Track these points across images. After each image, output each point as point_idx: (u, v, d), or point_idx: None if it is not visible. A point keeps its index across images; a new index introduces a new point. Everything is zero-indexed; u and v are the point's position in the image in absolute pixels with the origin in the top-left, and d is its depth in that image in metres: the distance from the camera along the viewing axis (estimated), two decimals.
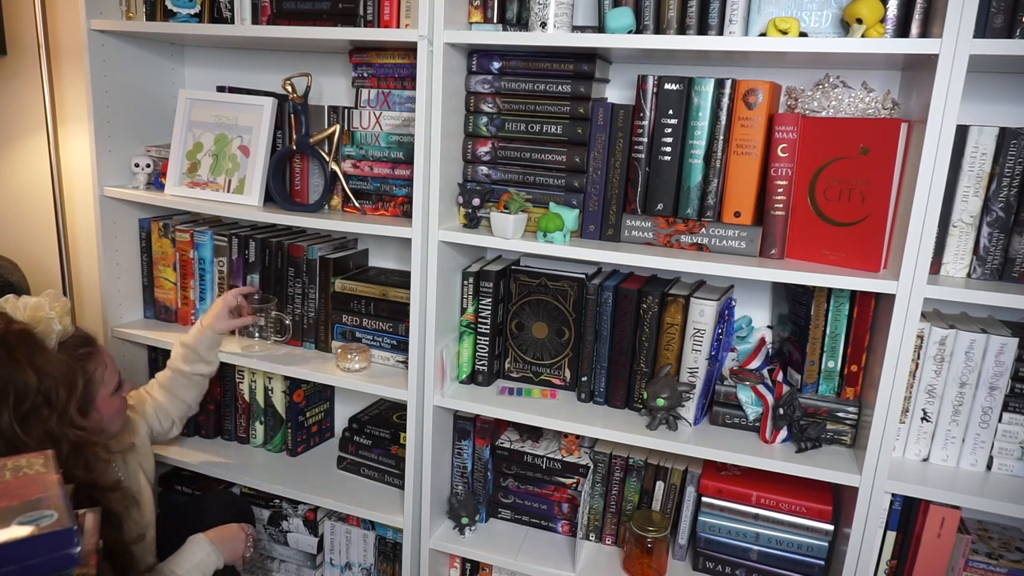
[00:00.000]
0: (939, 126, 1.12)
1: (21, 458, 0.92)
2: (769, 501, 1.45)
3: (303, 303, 1.72)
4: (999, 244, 1.24)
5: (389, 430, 1.71)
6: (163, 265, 1.85)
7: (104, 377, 1.35)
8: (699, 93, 1.32)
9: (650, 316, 1.44)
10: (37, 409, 1.19)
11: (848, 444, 1.38)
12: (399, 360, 1.65)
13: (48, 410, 1.20)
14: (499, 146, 1.49)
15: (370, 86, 1.60)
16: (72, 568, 0.78)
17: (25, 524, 0.78)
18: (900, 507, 1.32)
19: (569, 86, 1.41)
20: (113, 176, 1.79)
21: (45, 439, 1.19)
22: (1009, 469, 1.30)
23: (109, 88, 1.74)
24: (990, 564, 1.32)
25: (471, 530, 1.63)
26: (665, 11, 1.30)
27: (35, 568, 0.76)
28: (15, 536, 0.76)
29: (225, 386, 1.88)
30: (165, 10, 1.65)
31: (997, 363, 1.25)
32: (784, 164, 1.30)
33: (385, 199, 1.61)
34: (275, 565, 1.84)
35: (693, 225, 1.37)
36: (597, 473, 1.58)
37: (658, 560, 1.49)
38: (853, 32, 1.18)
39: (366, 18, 1.49)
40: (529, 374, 1.60)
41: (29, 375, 1.19)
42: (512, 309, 1.57)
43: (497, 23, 1.44)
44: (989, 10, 1.11)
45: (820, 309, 1.36)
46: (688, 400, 1.41)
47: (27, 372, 1.19)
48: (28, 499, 0.82)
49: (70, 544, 0.78)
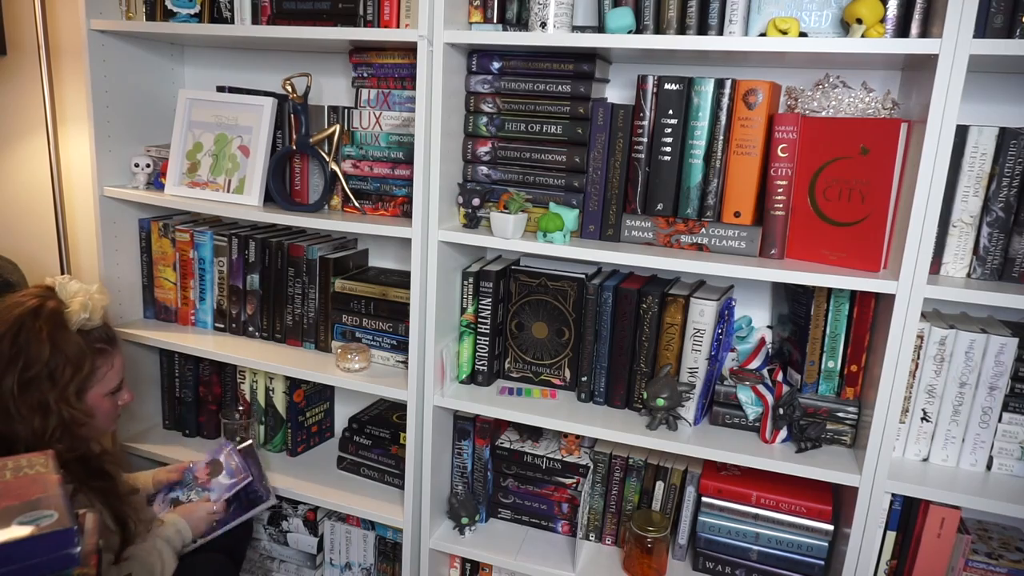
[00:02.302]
0: (939, 126, 1.12)
1: (22, 458, 0.92)
2: (769, 501, 1.45)
3: (303, 303, 1.72)
4: (999, 244, 1.24)
5: (389, 430, 1.71)
6: (163, 265, 1.85)
7: (106, 376, 1.40)
8: (699, 93, 1.32)
9: (650, 316, 1.44)
10: (39, 379, 1.29)
11: (848, 444, 1.38)
12: (399, 360, 1.65)
13: (49, 384, 1.30)
14: (499, 146, 1.49)
15: (370, 86, 1.60)
16: (72, 568, 0.78)
17: (25, 524, 0.78)
18: (900, 507, 1.32)
19: (569, 86, 1.41)
20: (113, 176, 1.79)
21: (37, 409, 1.29)
22: (1009, 469, 1.30)
23: (109, 88, 1.74)
24: (990, 564, 1.32)
25: (471, 530, 1.63)
26: (665, 11, 1.30)
27: (36, 568, 0.76)
28: (15, 536, 0.76)
29: (226, 386, 1.89)
30: (165, 10, 1.65)
31: (997, 363, 1.25)
32: (784, 164, 1.30)
33: (385, 199, 1.61)
34: (275, 565, 1.84)
35: (693, 225, 1.37)
36: (597, 473, 1.58)
37: (658, 560, 1.49)
38: (853, 32, 1.18)
39: (366, 18, 1.49)
40: (529, 374, 1.60)
41: (44, 347, 1.29)
42: (512, 309, 1.57)
43: (497, 23, 1.44)
44: (989, 10, 1.11)
45: (820, 309, 1.36)
46: (688, 400, 1.41)
47: (44, 344, 1.29)
48: (28, 499, 0.82)
49: (70, 544, 0.78)
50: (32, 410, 1.28)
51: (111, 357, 1.42)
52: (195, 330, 1.83)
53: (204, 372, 1.88)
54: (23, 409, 1.28)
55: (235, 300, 1.79)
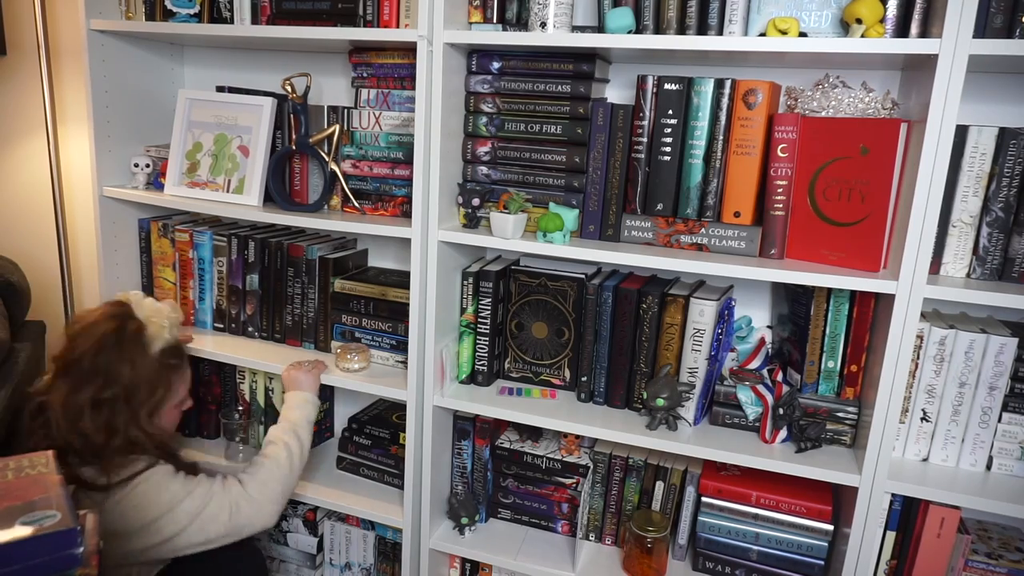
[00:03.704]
0: (939, 126, 1.12)
1: (23, 458, 0.92)
2: (769, 501, 1.45)
3: (303, 303, 1.72)
4: (999, 244, 1.24)
5: (389, 430, 1.71)
6: (162, 265, 1.85)
7: (178, 391, 1.45)
8: (699, 93, 1.32)
9: (650, 316, 1.44)
10: (115, 401, 1.30)
11: (848, 444, 1.38)
12: (399, 360, 1.65)
13: (124, 405, 1.31)
14: (499, 146, 1.49)
15: (370, 86, 1.60)
16: (75, 568, 0.78)
17: (28, 524, 0.78)
18: (900, 507, 1.32)
19: (569, 86, 1.41)
20: (113, 176, 1.79)
21: (104, 428, 1.29)
22: (1009, 469, 1.30)
23: (109, 88, 1.74)
24: (990, 564, 1.32)
25: (471, 530, 1.63)
26: (665, 11, 1.30)
27: (38, 568, 0.76)
28: (18, 536, 0.76)
29: (225, 386, 1.89)
30: (165, 10, 1.65)
31: (997, 363, 1.25)
32: (784, 164, 1.30)
33: (385, 199, 1.61)
34: (275, 565, 1.84)
35: (693, 225, 1.37)
36: (597, 473, 1.58)
37: (658, 560, 1.49)
38: (853, 32, 1.18)
39: (366, 18, 1.49)
40: (529, 374, 1.60)
41: (125, 368, 1.31)
42: (512, 309, 1.58)
43: (497, 23, 1.44)
44: (989, 10, 1.11)
45: (820, 309, 1.36)
46: (688, 400, 1.41)
47: (125, 365, 1.32)
48: (30, 499, 0.82)
49: (73, 544, 0.78)
50: (99, 429, 1.29)
51: (183, 372, 1.46)
52: (195, 330, 1.82)
53: (204, 372, 1.88)
54: (90, 426, 1.28)
55: (234, 300, 1.79)
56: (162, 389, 1.38)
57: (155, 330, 1.38)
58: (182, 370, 1.46)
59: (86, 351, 1.31)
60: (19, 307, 1.97)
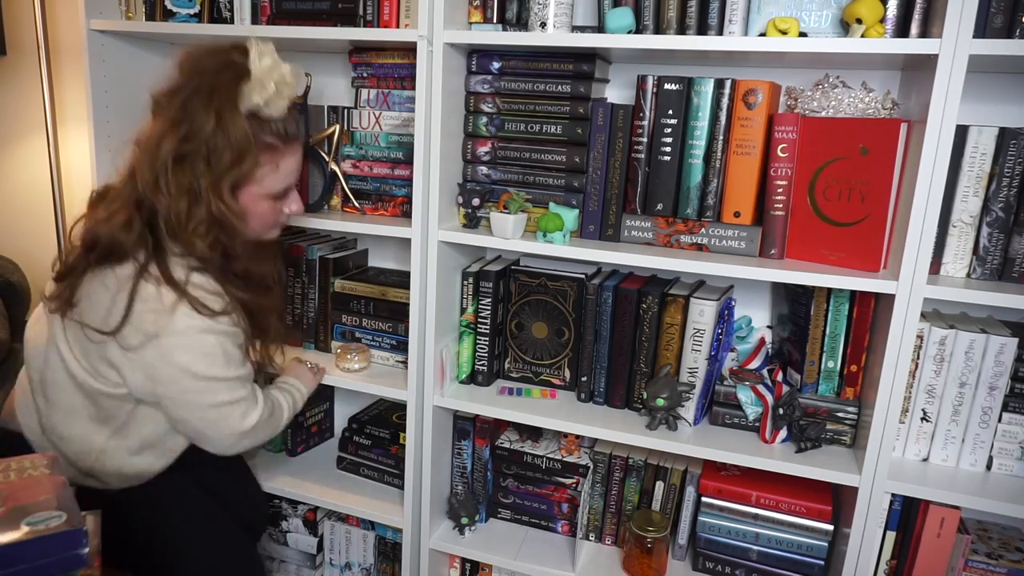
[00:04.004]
0: (939, 126, 1.12)
1: (24, 459, 0.92)
2: (769, 501, 1.45)
3: (303, 303, 1.72)
4: (999, 244, 1.24)
5: (389, 430, 1.71)
6: None
7: (266, 178, 1.23)
8: (699, 93, 1.32)
9: (650, 316, 1.44)
10: (196, 157, 1.14)
11: (848, 444, 1.38)
12: (399, 360, 1.65)
13: (205, 165, 1.15)
14: (499, 146, 1.49)
15: (370, 86, 1.60)
16: (80, 568, 0.79)
17: (34, 525, 0.78)
18: (900, 507, 1.32)
19: (569, 86, 1.41)
20: (113, 176, 1.78)
21: (187, 192, 1.15)
22: (1009, 469, 1.30)
23: (109, 88, 1.74)
24: (990, 564, 1.32)
25: (471, 530, 1.63)
26: (665, 11, 1.30)
27: (44, 568, 0.77)
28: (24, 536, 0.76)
29: None
30: (165, 10, 1.65)
31: (997, 363, 1.25)
32: (784, 164, 1.30)
33: (385, 199, 1.61)
34: (275, 565, 1.84)
35: (693, 225, 1.37)
36: (597, 473, 1.58)
37: (658, 560, 1.49)
38: (853, 32, 1.18)
39: (366, 18, 1.49)
40: (529, 374, 1.60)
41: (210, 120, 1.14)
42: (512, 309, 1.58)
43: (497, 23, 1.44)
44: (989, 10, 1.11)
45: (820, 309, 1.36)
46: (688, 400, 1.41)
47: (211, 116, 1.14)
48: (36, 500, 0.83)
49: (79, 545, 0.79)
50: (181, 191, 1.14)
51: (280, 157, 1.23)
52: None
53: None
54: (172, 186, 1.14)
55: None
56: (248, 162, 1.17)
57: (251, 87, 1.15)
58: (278, 153, 1.22)
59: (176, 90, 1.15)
60: (19, 307, 1.97)
